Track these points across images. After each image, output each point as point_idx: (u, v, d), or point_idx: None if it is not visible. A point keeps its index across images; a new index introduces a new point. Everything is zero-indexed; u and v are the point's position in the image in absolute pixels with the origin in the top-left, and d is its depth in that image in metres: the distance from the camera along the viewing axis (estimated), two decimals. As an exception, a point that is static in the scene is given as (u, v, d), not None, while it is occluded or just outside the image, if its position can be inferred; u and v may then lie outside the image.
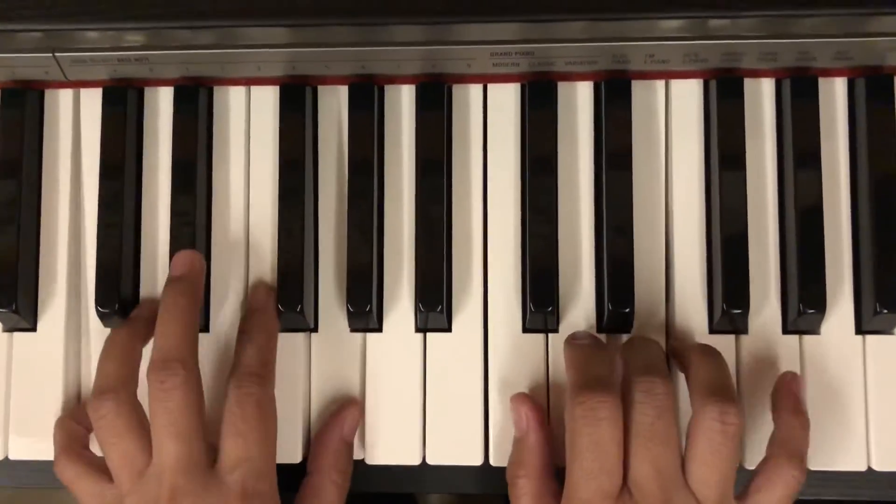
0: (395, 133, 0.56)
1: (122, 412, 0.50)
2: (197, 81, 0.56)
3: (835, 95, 0.54)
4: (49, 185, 0.56)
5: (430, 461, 0.54)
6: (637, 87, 0.54)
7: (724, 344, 0.53)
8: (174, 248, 0.54)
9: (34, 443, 0.55)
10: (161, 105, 0.56)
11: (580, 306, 0.54)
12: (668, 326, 0.54)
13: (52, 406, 0.55)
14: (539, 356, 0.54)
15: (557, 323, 0.54)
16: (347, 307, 0.53)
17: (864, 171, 0.53)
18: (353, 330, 0.55)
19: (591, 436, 0.47)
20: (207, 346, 0.54)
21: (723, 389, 0.48)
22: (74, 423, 0.54)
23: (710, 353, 0.50)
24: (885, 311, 0.51)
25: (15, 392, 0.55)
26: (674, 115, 0.55)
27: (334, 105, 0.56)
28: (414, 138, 0.55)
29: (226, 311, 0.55)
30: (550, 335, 0.54)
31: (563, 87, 0.55)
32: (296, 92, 0.55)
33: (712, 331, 0.54)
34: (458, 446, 0.54)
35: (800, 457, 0.49)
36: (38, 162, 0.56)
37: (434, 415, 0.54)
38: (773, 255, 0.54)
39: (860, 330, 0.53)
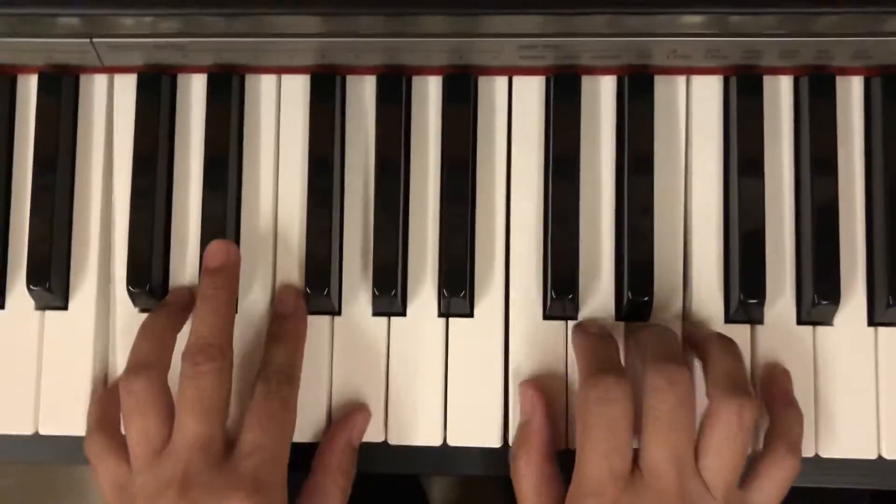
0: (421, 123, 0.57)
1: (152, 390, 0.51)
2: (229, 69, 0.57)
3: (851, 93, 0.56)
4: (83, 168, 0.57)
5: (451, 442, 0.55)
6: (659, 82, 0.56)
7: (739, 334, 0.54)
8: (205, 233, 0.56)
9: (64, 418, 0.56)
10: (193, 91, 0.58)
11: (600, 295, 0.55)
12: (685, 316, 0.55)
13: (81, 383, 0.56)
14: (559, 343, 0.55)
15: (577, 311, 0.55)
16: (373, 291, 0.54)
17: (878, 167, 0.55)
18: (376, 314, 0.56)
19: (604, 415, 0.48)
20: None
21: (741, 383, 0.49)
22: (110, 401, 0.55)
23: (729, 344, 0.52)
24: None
25: (46, 369, 0.56)
26: (694, 110, 0.56)
27: (363, 95, 0.57)
28: (440, 129, 0.56)
29: (253, 299, 0.56)
30: (570, 322, 0.55)
31: (587, 80, 0.56)
32: (326, 81, 0.56)
33: (728, 320, 0.55)
34: (478, 428, 0.55)
35: (796, 446, 0.51)
36: (72, 145, 0.57)
37: (455, 397, 0.55)
38: (789, 247, 0.55)
39: (872, 322, 0.55)
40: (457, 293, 0.54)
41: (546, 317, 0.55)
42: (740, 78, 0.55)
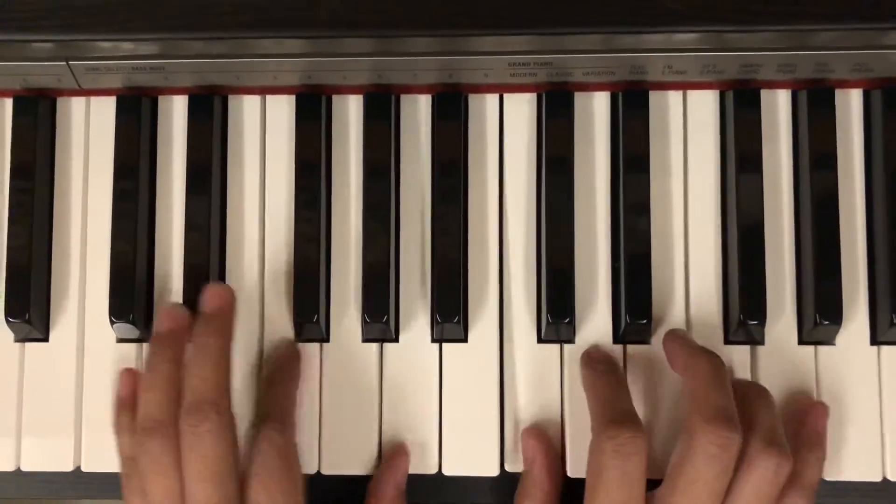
0: (411, 142, 0.55)
1: (167, 449, 0.48)
2: (211, 90, 0.55)
3: (851, 106, 0.54)
4: (61, 193, 0.56)
5: (446, 472, 0.54)
6: (654, 97, 0.54)
7: (738, 355, 0.53)
8: (188, 258, 0.54)
9: (47, 453, 0.54)
10: (175, 114, 0.56)
11: (596, 318, 0.54)
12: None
13: (64, 417, 0.54)
14: (554, 367, 0.54)
15: (574, 334, 0.54)
16: (364, 317, 0.53)
17: (879, 183, 0.53)
18: (366, 340, 0.54)
19: (619, 468, 0.47)
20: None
21: (781, 439, 0.48)
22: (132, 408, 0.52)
23: (769, 397, 0.51)
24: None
25: (27, 402, 0.55)
26: (691, 126, 0.55)
27: (350, 114, 0.56)
28: (430, 148, 0.55)
29: (239, 319, 0.54)
30: (566, 346, 0.54)
31: (579, 97, 0.55)
32: (311, 101, 0.55)
33: (728, 342, 0.54)
34: (473, 457, 0.54)
35: (811, 490, 0.50)
36: (49, 170, 0.56)
37: (450, 425, 0.54)
38: (789, 266, 0.54)
39: (875, 341, 0.53)
40: (450, 319, 0.53)
41: (541, 340, 0.54)
42: (737, 93, 0.54)
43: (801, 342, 0.54)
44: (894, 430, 0.53)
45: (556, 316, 0.52)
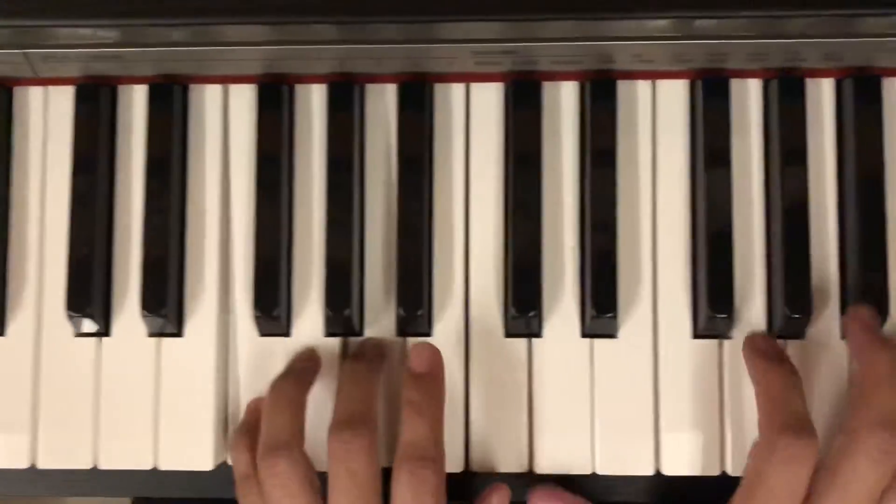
0: (374, 133, 0.54)
1: (296, 472, 0.48)
2: (172, 79, 0.54)
3: (822, 96, 0.54)
4: (18, 185, 0.54)
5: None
6: (622, 86, 0.53)
7: (706, 349, 0.52)
8: (146, 247, 0.53)
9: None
10: (135, 104, 0.55)
11: (562, 310, 0.53)
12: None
13: (21, 413, 0.53)
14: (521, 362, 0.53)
15: (540, 327, 0.53)
16: (326, 311, 0.52)
17: (851, 173, 0.52)
18: (329, 335, 0.54)
19: (787, 480, 0.45)
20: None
21: None
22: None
23: None
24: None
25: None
26: (660, 115, 0.54)
27: (313, 104, 0.55)
28: (396, 138, 0.54)
29: (200, 312, 0.54)
30: (534, 340, 0.53)
31: (547, 86, 0.54)
32: (273, 91, 0.54)
33: (696, 335, 0.53)
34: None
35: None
36: (6, 162, 0.54)
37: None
38: (760, 259, 0.53)
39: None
40: (414, 312, 0.52)
41: (508, 335, 0.53)
42: (706, 81, 0.53)
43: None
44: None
45: (521, 310, 0.51)
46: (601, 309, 0.51)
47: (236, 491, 0.51)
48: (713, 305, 0.51)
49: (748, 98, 0.54)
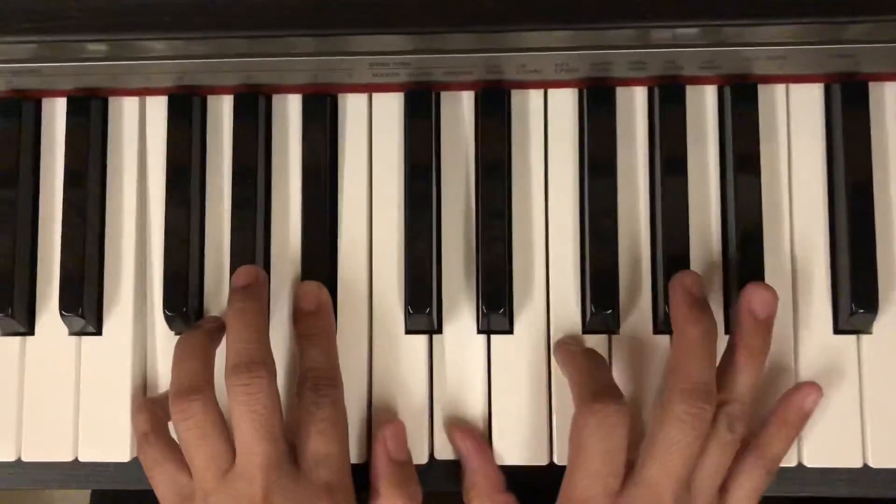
0: (281, 142, 0.57)
1: (208, 412, 0.50)
2: (91, 92, 0.57)
3: (705, 102, 0.56)
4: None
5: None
6: (515, 95, 0.56)
7: (597, 342, 0.55)
8: (64, 252, 0.56)
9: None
10: (57, 116, 0.58)
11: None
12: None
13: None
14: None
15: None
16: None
17: (731, 172, 0.55)
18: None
19: (603, 441, 0.48)
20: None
21: (735, 411, 0.51)
22: (156, 408, 0.54)
23: (752, 370, 0.52)
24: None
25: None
26: (552, 124, 0.56)
27: (223, 115, 0.58)
28: (301, 148, 0.57)
29: (117, 312, 0.57)
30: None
31: (445, 96, 0.57)
32: (184, 102, 0.57)
33: (585, 331, 0.55)
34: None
35: (773, 462, 0.52)
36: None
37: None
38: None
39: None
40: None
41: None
42: (591, 91, 0.55)
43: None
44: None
45: (417, 309, 0.54)
46: (491, 307, 0.54)
47: (138, 452, 0.54)
48: (596, 303, 0.54)
49: (635, 104, 0.57)
